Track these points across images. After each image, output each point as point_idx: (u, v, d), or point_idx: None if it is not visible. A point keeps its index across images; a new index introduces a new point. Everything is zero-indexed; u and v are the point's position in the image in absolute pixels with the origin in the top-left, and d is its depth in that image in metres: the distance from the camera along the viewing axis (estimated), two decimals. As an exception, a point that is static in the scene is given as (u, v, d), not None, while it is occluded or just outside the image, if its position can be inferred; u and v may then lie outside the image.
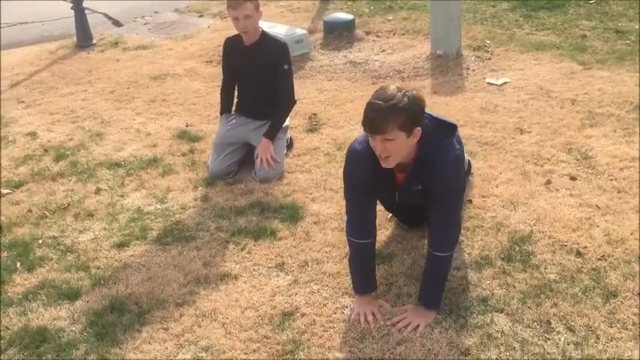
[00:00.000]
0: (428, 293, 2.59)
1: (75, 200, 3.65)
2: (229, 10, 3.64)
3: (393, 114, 2.29)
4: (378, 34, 6.00)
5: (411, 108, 2.32)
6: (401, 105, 2.29)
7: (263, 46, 3.73)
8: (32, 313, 2.79)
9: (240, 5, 3.56)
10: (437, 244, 2.54)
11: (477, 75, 4.93)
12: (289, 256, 3.04)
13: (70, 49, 6.36)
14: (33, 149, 4.31)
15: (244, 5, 3.56)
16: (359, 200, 2.63)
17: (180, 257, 3.09)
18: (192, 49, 6.13)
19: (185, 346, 2.55)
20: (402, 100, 2.30)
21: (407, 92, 2.34)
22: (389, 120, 2.29)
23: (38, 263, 3.12)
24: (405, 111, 2.30)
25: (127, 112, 4.83)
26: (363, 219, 2.64)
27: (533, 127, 4.02)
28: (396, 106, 2.29)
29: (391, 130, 2.31)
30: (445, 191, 2.48)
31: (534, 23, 5.84)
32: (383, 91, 2.35)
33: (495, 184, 3.45)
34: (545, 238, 2.98)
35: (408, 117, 2.32)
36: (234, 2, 3.56)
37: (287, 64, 3.73)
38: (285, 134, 3.91)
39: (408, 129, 2.34)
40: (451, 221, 2.54)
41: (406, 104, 2.30)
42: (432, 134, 2.44)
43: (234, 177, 3.77)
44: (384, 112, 2.29)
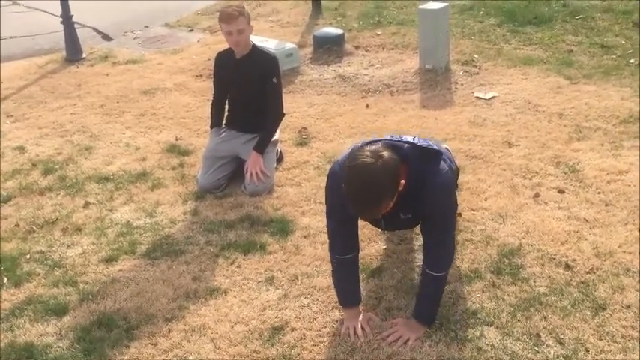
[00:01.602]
0: (422, 311, 2.59)
1: (63, 215, 3.62)
2: (222, 24, 3.64)
3: (379, 202, 2.25)
4: (367, 48, 6.05)
5: (390, 183, 2.25)
6: (382, 188, 2.23)
7: (254, 59, 3.74)
8: (19, 329, 2.76)
9: (233, 20, 3.57)
10: (432, 263, 2.52)
11: (465, 89, 4.97)
12: (279, 270, 3.03)
13: (59, 63, 6.35)
14: (21, 163, 4.28)
15: (238, 20, 3.57)
16: (340, 221, 2.57)
17: (170, 272, 3.07)
18: (182, 63, 6.14)
19: (174, 362, 2.52)
20: (380, 182, 2.21)
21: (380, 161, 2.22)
22: (375, 209, 2.28)
23: (25, 278, 3.09)
24: (388, 191, 2.25)
25: (116, 126, 4.82)
26: (345, 236, 2.61)
27: (521, 141, 4.05)
28: (378, 193, 2.23)
29: (380, 210, 2.30)
30: (437, 215, 2.46)
31: (521, 38, 5.90)
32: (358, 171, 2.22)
33: (484, 197, 3.47)
34: (534, 251, 3.00)
35: (391, 192, 2.27)
36: (228, 17, 3.57)
37: (276, 77, 3.74)
38: (274, 148, 3.92)
39: (393, 196, 2.31)
40: (446, 242, 2.53)
41: (386, 183, 2.23)
42: (417, 164, 2.39)
43: (223, 191, 3.76)
44: (369, 203, 2.25)
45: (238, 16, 3.56)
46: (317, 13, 7.10)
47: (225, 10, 3.60)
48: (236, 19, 3.56)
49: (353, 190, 2.25)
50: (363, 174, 2.22)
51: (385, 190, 2.26)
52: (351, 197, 2.26)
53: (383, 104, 4.85)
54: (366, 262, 3.00)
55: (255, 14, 7.45)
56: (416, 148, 2.45)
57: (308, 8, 7.25)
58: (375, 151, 2.26)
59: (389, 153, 2.27)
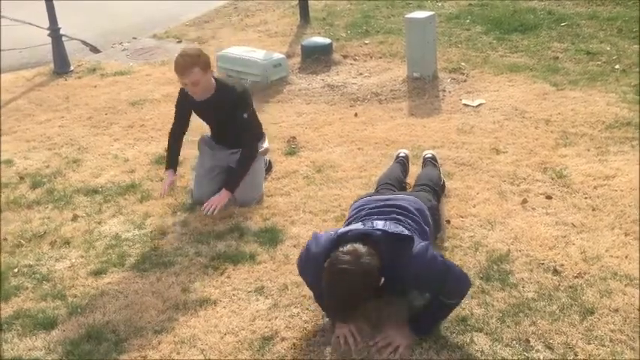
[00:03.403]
0: (420, 323, 2.59)
1: (51, 228, 3.61)
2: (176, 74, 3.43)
3: (359, 306, 2.36)
4: (355, 57, 6.08)
5: (369, 288, 2.32)
6: (363, 294, 2.32)
7: (218, 99, 3.53)
8: (7, 344, 2.75)
9: (186, 72, 3.33)
10: (446, 295, 2.52)
11: (453, 97, 5.01)
12: (269, 280, 3.03)
13: (47, 75, 6.34)
14: (9, 177, 4.27)
15: (191, 72, 3.33)
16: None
17: (159, 283, 3.07)
18: (170, 74, 6.11)
19: (164, 374, 2.52)
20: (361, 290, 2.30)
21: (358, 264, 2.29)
22: (354, 312, 2.39)
23: (13, 292, 3.08)
24: (369, 294, 2.34)
25: (104, 138, 4.82)
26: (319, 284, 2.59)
27: (508, 147, 4.09)
28: (359, 300, 2.34)
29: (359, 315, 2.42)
30: (429, 285, 2.50)
31: (507, 46, 5.96)
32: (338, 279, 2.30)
33: (473, 204, 3.49)
34: (523, 257, 3.02)
35: (371, 294, 2.36)
36: (180, 69, 3.33)
37: (245, 112, 3.54)
38: (262, 158, 3.92)
39: (372, 297, 2.39)
40: (458, 285, 2.52)
41: (364, 290, 2.31)
42: (391, 253, 2.41)
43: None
44: (350, 310, 2.36)
45: (191, 68, 3.31)
46: (305, 23, 7.14)
47: (178, 60, 3.35)
48: (189, 71, 3.32)
49: (332, 296, 2.35)
50: (342, 280, 2.29)
51: (366, 296, 2.35)
52: (331, 303, 2.39)
53: (371, 113, 4.87)
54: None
55: (244, 25, 7.49)
56: (387, 236, 2.48)
57: (296, 18, 7.29)
58: (355, 253, 2.31)
59: (367, 253, 2.32)
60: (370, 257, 2.32)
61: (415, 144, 4.23)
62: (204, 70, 3.39)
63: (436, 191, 3.35)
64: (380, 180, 3.52)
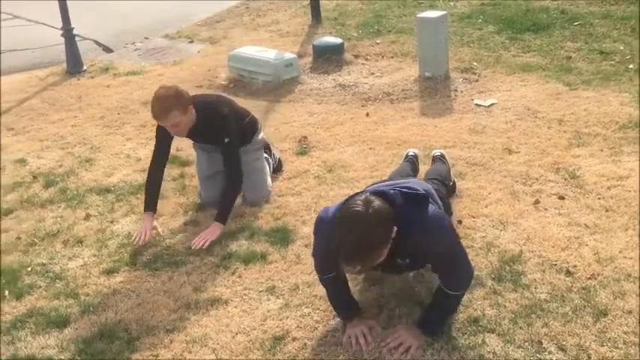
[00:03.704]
0: (429, 322, 2.58)
1: (64, 227, 3.64)
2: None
3: (372, 252, 2.25)
4: (366, 57, 6.07)
5: (383, 231, 2.25)
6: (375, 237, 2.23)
7: (200, 130, 3.39)
8: (20, 342, 2.77)
9: (163, 117, 3.20)
10: (448, 284, 2.51)
11: (464, 96, 4.99)
12: (280, 280, 3.04)
13: (60, 75, 6.39)
14: (22, 176, 4.30)
15: (168, 116, 3.19)
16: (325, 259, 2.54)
17: (171, 282, 3.08)
18: (182, 74, 6.17)
19: (175, 373, 2.53)
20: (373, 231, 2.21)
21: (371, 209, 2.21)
22: (368, 259, 2.26)
23: (27, 291, 3.10)
24: (381, 239, 2.25)
25: (117, 137, 4.84)
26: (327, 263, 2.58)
27: (521, 148, 4.06)
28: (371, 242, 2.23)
29: (374, 260, 2.28)
30: (439, 255, 2.45)
31: (520, 45, 5.93)
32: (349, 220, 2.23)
33: (485, 204, 3.47)
34: (535, 258, 3.00)
35: (384, 240, 2.26)
36: (156, 115, 3.20)
37: (227, 136, 3.39)
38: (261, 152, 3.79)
39: (387, 244, 2.29)
40: (459, 269, 2.51)
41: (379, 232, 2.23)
42: (405, 211, 2.36)
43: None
44: (362, 254, 2.24)
45: (168, 113, 3.16)
46: (316, 23, 7.14)
47: (154, 105, 3.19)
48: (166, 116, 3.18)
49: (345, 242, 2.23)
50: (354, 223, 2.22)
51: (378, 239, 2.25)
52: (344, 249, 2.24)
53: (383, 112, 4.87)
54: (367, 270, 3.00)
55: (255, 24, 7.50)
56: (402, 195, 2.42)
57: (307, 18, 7.29)
58: (366, 199, 2.26)
59: (380, 201, 2.27)
60: (382, 204, 2.25)
61: (427, 144, 4.22)
62: (183, 111, 3.19)
63: (445, 185, 3.32)
64: (390, 176, 3.51)
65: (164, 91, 3.21)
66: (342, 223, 2.26)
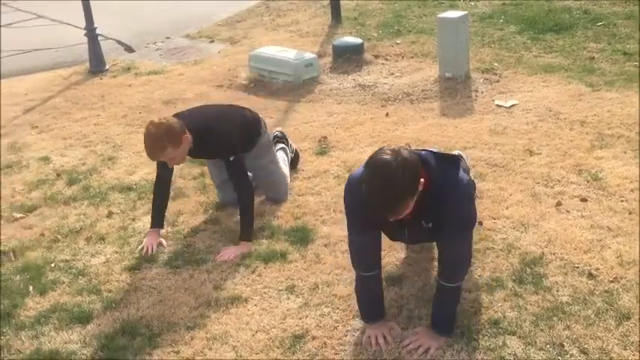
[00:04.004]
0: (438, 322, 2.58)
1: (87, 224, 3.69)
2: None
3: (399, 200, 2.21)
4: (386, 57, 6.06)
5: (411, 180, 2.21)
6: (402, 185, 2.19)
7: (200, 149, 3.29)
8: (44, 337, 2.81)
9: (156, 156, 3.16)
10: (446, 275, 2.52)
11: (485, 97, 4.96)
12: (300, 279, 3.05)
13: (83, 74, 6.47)
14: (46, 174, 4.36)
15: (162, 154, 3.12)
16: (362, 232, 2.53)
17: (191, 280, 3.11)
18: (202, 73, 6.21)
19: (196, 370, 2.55)
20: (400, 179, 2.17)
21: (399, 157, 2.19)
22: (396, 207, 2.23)
23: (50, 287, 3.15)
24: (408, 188, 2.21)
25: (138, 136, 4.87)
26: (367, 251, 2.58)
27: (542, 149, 4.03)
28: (398, 189, 2.19)
29: (400, 210, 2.26)
30: (457, 221, 2.42)
31: (542, 46, 5.87)
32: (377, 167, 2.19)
33: (505, 205, 3.45)
34: (557, 260, 2.98)
35: (411, 190, 2.23)
36: (150, 154, 3.14)
37: (232, 154, 3.30)
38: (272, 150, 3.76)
39: (414, 194, 2.26)
40: (462, 252, 2.51)
41: (406, 180, 2.19)
42: (437, 169, 2.37)
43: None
44: (389, 201, 2.20)
45: (161, 152, 3.09)
46: (336, 23, 7.14)
47: (146, 145, 3.09)
48: (160, 155, 3.12)
49: (373, 189, 2.20)
50: (382, 171, 2.18)
51: (406, 188, 2.21)
52: (371, 196, 2.21)
53: (403, 113, 4.86)
54: (387, 270, 3.00)
55: (275, 24, 7.53)
56: (434, 155, 2.44)
57: (327, 18, 7.30)
58: (394, 150, 2.24)
59: (408, 152, 2.26)
60: (410, 154, 2.23)
61: (447, 144, 4.20)
62: (176, 145, 3.10)
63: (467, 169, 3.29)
64: None
65: (154, 129, 3.05)
66: (369, 172, 2.23)
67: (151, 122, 3.11)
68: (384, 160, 2.20)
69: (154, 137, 3.06)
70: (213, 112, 3.55)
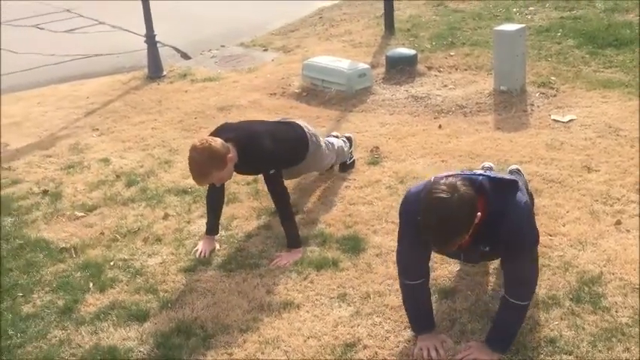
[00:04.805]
0: (496, 338, 2.55)
1: (144, 225, 3.79)
2: None
3: (454, 236, 2.28)
4: (439, 69, 6.04)
5: (467, 217, 2.26)
6: (458, 223, 2.25)
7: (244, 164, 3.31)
8: (103, 333, 2.91)
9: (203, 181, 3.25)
10: (514, 293, 2.49)
11: (541, 112, 4.88)
12: (351, 287, 3.06)
13: (141, 80, 6.67)
14: (106, 175, 4.52)
15: (208, 179, 3.20)
16: (412, 246, 2.54)
17: (244, 284, 3.16)
18: (256, 81, 6.31)
19: (248, 372, 2.59)
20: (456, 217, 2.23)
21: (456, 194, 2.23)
22: (451, 243, 2.30)
23: (109, 284, 3.25)
24: (464, 225, 2.27)
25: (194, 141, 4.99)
26: (415, 263, 2.59)
27: (601, 166, 3.94)
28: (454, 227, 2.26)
29: (456, 244, 2.32)
30: (519, 246, 2.42)
31: (601, 61, 5.75)
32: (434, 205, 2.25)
33: (562, 222, 3.39)
34: (616, 280, 2.91)
35: (467, 226, 2.29)
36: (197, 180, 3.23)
37: (272, 169, 3.33)
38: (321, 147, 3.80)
39: (469, 229, 2.30)
40: (526, 271, 2.48)
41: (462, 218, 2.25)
42: (494, 195, 2.37)
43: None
44: (445, 237, 2.29)
45: (208, 177, 3.15)
46: (389, 34, 7.16)
47: (192, 171, 3.15)
48: (205, 180, 3.21)
49: (429, 224, 2.27)
50: (439, 208, 2.23)
51: (461, 225, 2.27)
52: (427, 231, 2.29)
53: (456, 125, 4.83)
54: (439, 283, 2.99)
55: (328, 34, 7.59)
56: (491, 180, 2.43)
57: (380, 29, 7.32)
58: (451, 184, 2.26)
59: (465, 186, 2.27)
60: (467, 189, 2.26)
61: (501, 159, 4.16)
62: (221, 167, 3.13)
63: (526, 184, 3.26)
64: None
65: (198, 156, 3.08)
66: (425, 207, 2.28)
67: (194, 147, 3.10)
68: (440, 197, 2.24)
69: (198, 164, 3.08)
70: (260, 129, 3.51)
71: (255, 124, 3.76)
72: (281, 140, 3.43)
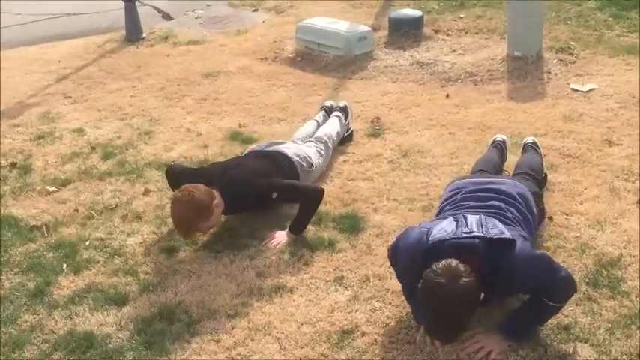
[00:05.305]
0: (514, 328, 2.57)
1: (123, 201, 3.79)
2: None
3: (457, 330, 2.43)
4: (448, 32, 6.01)
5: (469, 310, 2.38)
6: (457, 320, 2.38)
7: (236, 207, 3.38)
8: (78, 317, 2.92)
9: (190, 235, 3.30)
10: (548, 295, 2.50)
11: (559, 80, 4.88)
12: (349, 270, 3.08)
13: (118, 42, 6.61)
14: (80, 146, 4.50)
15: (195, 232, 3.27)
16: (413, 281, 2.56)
17: (232, 266, 3.18)
18: (246, 45, 6.27)
19: (237, 360, 2.62)
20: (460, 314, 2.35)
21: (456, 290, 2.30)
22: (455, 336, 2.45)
23: (85, 265, 3.26)
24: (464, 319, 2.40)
25: (177, 110, 4.99)
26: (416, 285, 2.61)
27: (623, 139, 3.96)
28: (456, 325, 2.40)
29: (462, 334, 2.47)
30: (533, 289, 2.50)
31: (625, 24, 5.73)
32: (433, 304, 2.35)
33: (580, 200, 3.41)
34: (637, 263, 2.94)
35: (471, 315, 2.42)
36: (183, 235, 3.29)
37: (274, 192, 3.35)
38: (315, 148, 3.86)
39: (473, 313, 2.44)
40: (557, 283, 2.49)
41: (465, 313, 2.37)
42: (492, 258, 2.41)
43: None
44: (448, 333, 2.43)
45: (194, 231, 3.23)
46: (393, -7, 7.10)
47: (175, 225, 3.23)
48: (193, 234, 3.27)
49: (433, 322, 2.44)
50: (441, 305, 2.32)
51: (467, 317, 2.40)
52: (432, 328, 2.48)
53: (465, 94, 4.82)
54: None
55: (326, -6, 7.52)
56: (484, 240, 2.45)
57: (383, -12, 7.26)
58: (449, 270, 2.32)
59: (464, 273, 2.31)
60: (467, 276, 2.32)
61: (514, 131, 4.16)
62: (207, 218, 3.19)
63: (538, 181, 3.29)
64: (475, 166, 3.50)
65: (182, 210, 3.12)
66: (427, 301, 2.38)
67: (177, 200, 3.14)
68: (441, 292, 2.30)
69: (183, 221, 3.15)
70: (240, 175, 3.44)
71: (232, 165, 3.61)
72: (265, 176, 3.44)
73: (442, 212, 2.86)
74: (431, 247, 2.46)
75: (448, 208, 2.84)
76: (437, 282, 2.31)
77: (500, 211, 2.70)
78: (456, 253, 2.39)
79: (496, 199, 2.78)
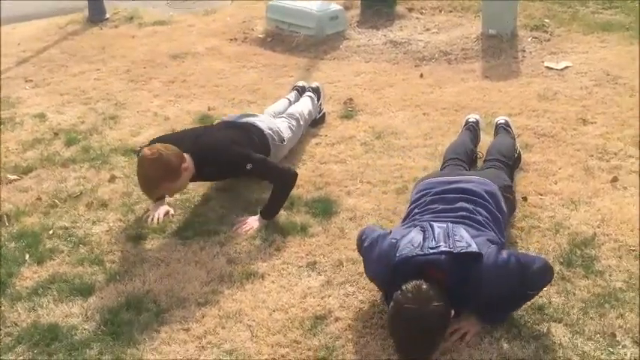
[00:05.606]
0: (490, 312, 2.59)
1: (87, 188, 3.75)
2: None
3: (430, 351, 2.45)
4: (421, 10, 6.02)
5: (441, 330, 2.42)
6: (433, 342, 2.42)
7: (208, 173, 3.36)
8: (42, 309, 2.88)
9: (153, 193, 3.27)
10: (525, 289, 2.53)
11: (534, 58, 4.91)
12: (322, 255, 3.08)
13: (81, 23, 6.50)
14: (42, 132, 4.43)
15: (159, 190, 3.22)
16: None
17: (202, 253, 3.16)
18: (214, 25, 6.21)
19: (207, 349, 2.61)
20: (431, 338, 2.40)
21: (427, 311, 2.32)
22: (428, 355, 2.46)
23: (48, 255, 3.22)
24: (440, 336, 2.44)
25: (143, 93, 4.93)
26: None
27: (597, 118, 4.00)
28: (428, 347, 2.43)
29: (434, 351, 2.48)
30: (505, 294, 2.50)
31: (600, 1, 5.78)
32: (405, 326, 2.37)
33: (554, 180, 3.45)
34: (611, 242, 2.98)
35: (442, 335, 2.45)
36: (146, 192, 3.26)
37: (249, 163, 3.29)
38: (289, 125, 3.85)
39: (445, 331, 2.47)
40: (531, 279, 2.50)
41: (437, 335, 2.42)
42: (459, 274, 2.43)
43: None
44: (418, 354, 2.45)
45: (157, 188, 3.18)
46: (365, -29, 7.07)
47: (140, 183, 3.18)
48: (157, 191, 3.23)
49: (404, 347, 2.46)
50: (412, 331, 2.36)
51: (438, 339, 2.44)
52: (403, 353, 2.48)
53: (439, 74, 4.83)
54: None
55: (296, -29, 7.46)
56: (451, 255, 2.45)
57: (355, -35, 7.22)
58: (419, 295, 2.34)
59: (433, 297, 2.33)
60: (437, 299, 2.35)
61: (489, 110, 4.19)
62: (172, 180, 3.15)
63: (510, 166, 3.32)
64: (447, 153, 3.50)
65: (148, 168, 3.07)
66: (397, 325, 2.41)
67: (144, 157, 3.07)
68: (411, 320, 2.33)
69: (148, 179, 3.11)
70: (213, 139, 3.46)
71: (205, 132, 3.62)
72: (239, 145, 3.41)
73: (411, 215, 2.85)
74: (398, 263, 2.48)
75: (417, 211, 2.83)
76: (407, 307, 2.34)
77: (469, 213, 2.71)
78: (424, 270, 2.43)
79: (464, 199, 2.78)
